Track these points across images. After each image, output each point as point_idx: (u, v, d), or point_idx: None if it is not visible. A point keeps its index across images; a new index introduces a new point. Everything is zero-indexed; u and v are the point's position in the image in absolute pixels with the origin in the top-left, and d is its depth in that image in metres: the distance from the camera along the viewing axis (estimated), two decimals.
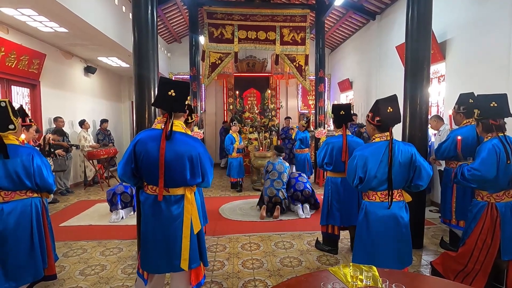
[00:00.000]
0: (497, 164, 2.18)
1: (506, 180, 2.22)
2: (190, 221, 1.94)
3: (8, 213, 2.13)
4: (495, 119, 2.28)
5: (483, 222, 2.30)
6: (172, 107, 1.90)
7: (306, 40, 7.30)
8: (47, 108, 6.04)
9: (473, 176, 2.24)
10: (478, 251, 2.31)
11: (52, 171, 5.11)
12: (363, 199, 2.23)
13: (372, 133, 2.23)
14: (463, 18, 4.56)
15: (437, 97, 5.47)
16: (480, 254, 2.30)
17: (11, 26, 4.99)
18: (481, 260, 2.30)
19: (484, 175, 2.20)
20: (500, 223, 2.25)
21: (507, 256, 2.25)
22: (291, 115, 9.45)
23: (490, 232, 2.28)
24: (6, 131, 2.12)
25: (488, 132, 2.33)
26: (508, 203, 2.28)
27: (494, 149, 2.20)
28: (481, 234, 2.30)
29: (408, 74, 3.40)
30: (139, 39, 2.98)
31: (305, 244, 3.58)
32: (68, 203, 5.46)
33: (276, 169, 4.78)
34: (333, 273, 1.47)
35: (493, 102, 2.27)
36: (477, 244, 2.32)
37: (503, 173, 2.19)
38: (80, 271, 2.95)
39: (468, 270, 2.35)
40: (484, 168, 2.20)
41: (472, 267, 2.33)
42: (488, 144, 2.25)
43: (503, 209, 2.26)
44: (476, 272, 2.31)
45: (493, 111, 2.27)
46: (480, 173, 2.21)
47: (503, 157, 2.18)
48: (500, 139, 2.24)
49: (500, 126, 2.28)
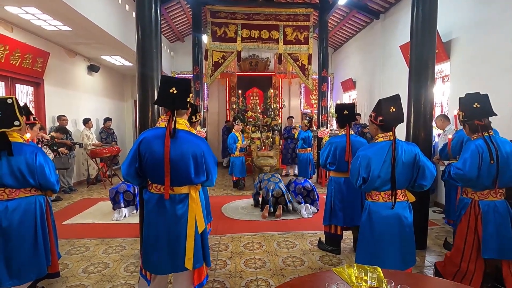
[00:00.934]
0: (479, 164, 2.20)
1: (489, 179, 2.23)
2: (194, 220, 1.94)
3: (13, 211, 2.14)
4: (480, 119, 2.30)
5: (467, 220, 2.34)
6: (174, 104, 1.90)
7: (310, 39, 7.26)
8: (51, 106, 6.06)
9: (457, 175, 2.30)
10: (468, 250, 2.32)
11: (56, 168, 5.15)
12: (367, 199, 2.22)
13: (375, 133, 2.22)
14: (468, 18, 4.52)
15: (441, 97, 5.43)
16: (471, 253, 2.31)
17: (15, 24, 5.01)
18: (473, 259, 2.30)
19: (466, 175, 2.24)
20: (481, 221, 2.27)
21: (487, 254, 2.25)
22: (293, 114, 9.44)
23: (476, 230, 2.30)
24: (11, 127, 2.12)
25: (474, 132, 2.35)
26: (491, 202, 2.29)
27: (477, 150, 2.23)
28: (469, 231, 2.32)
29: (413, 73, 3.37)
30: (142, 38, 2.98)
31: (308, 244, 3.57)
32: (71, 201, 5.48)
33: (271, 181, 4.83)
34: (337, 274, 1.46)
35: (475, 103, 2.30)
36: (466, 243, 2.33)
37: (486, 173, 2.21)
38: (83, 269, 2.96)
39: (463, 271, 2.35)
40: (466, 168, 2.24)
41: (466, 267, 2.33)
42: (472, 144, 2.28)
43: (485, 208, 2.28)
44: (472, 273, 2.30)
45: (477, 112, 2.30)
46: (463, 172, 2.26)
47: (486, 157, 2.20)
48: (485, 140, 2.25)
49: (485, 126, 2.30)
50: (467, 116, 2.34)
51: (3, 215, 2.11)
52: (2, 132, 2.08)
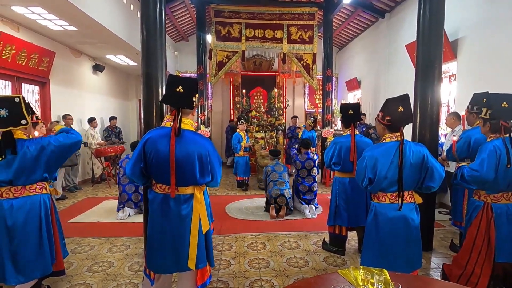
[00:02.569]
0: (496, 165, 2.13)
1: (505, 182, 2.17)
2: (198, 220, 1.93)
3: (18, 209, 2.15)
4: (506, 120, 2.20)
5: (478, 223, 2.27)
6: (179, 103, 1.90)
7: (314, 39, 7.23)
8: (56, 105, 6.11)
9: (472, 177, 2.20)
10: (476, 253, 2.26)
11: (63, 165, 5.15)
12: (372, 200, 2.19)
13: (382, 133, 2.19)
14: (476, 17, 4.45)
15: (448, 96, 5.36)
16: (479, 257, 2.25)
17: (21, 24, 5.05)
18: (480, 263, 2.25)
19: (483, 176, 2.15)
20: (494, 225, 2.21)
21: (501, 259, 2.20)
22: (298, 114, 9.40)
23: (486, 233, 2.23)
24: (18, 126, 2.14)
25: (494, 132, 2.28)
26: (504, 205, 2.22)
27: (495, 150, 2.16)
28: (478, 235, 2.26)
29: (419, 73, 3.33)
30: (147, 38, 2.97)
31: (312, 244, 3.55)
32: (76, 200, 5.52)
33: (275, 170, 4.79)
34: (343, 276, 1.44)
35: (504, 103, 2.20)
36: (474, 246, 2.27)
37: (503, 175, 2.14)
38: (87, 268, 2.97)
39: (468, 273, 2.30)
40: (483, 169, 2.15)
41: (472, 270, 2.28)
42: (489, 145, 2.20)
43: (498, 211, 2.22)
44: (477, 276, 2.25)
45: (504, 112, 2.21)
46: (479, 174, 2.16)
47: (504, 159, 2.13)
48: (504, 141, 2.18)
49: (509, 128, 2.22)
50: (493, 114, 2.24)
51: (8, 213, 2.12)
52: (8, 131, 2.10)
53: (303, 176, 4.74)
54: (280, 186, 4.63)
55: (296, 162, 4.82)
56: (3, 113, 2.08)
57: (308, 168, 4.73)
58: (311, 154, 4.80)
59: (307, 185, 4.71)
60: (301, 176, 4.76)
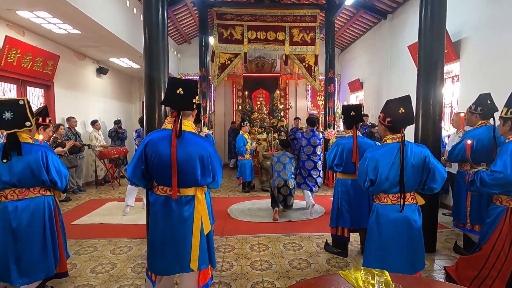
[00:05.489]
0: None
1: None
2: (200, 221, 1.94)
3: (22, 211, 2.18)
4: None
5: (501, 228, 2.20)
6: (180, 105, 1.92)
7: (316, 40, 7.24)
8: (61, 108, 6.17)
9: (495, 179, 2.07)
10: (494, 257, 2.22)
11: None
12: (374, 201, 2.19)
13: (384, 134, 2.18)
14: (478, 17, 4.44)
15: (451, 97, 5.34)
16: (497, 261, 2.21)
17: (26, 28, 5.12)
18: (497, 267, 2.21)
19: (507, 177, 2.03)
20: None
21: None
22: (300, 115, 9.40)
23: (508, 238, 2.18)
24: (22, 128, 2.17)
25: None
26: None
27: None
28: (499, 240, 2.20)
29: (421, 74, 3.32)
30: (149, 41, 3.01)
31: (314, 246, 3.54)
32: (80, 202, 5.56)
33: (280, 161, 4.73)
34: (344, 277, 1.44)
35: None
36: (493, 250, 2.22)
37: None
38: (91, 269, 2.99)
39: (483, 276, 2.26)
40: (507, 170, 2.03)
41: (487, 273, 2.24)
42: (510, 145, 2.10)
43: None
44: (493, 279, 2.22)
45: None
46: (503, 175, 2.04)
47: None
48: None
49: None
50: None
51: (13, 215, 2.15)
52: (13, 133, 2.13)
53: (309, 152, 4.84)
54: (284, 176, 4.57)
55: (302, 139, 4.95)
56: (8, 116, 2.11)
57: (314, 145, 4.84)
58: (317, 132, 4.96)
59: (312, 162, 4.81)
60: (306, 153, 4.86)
